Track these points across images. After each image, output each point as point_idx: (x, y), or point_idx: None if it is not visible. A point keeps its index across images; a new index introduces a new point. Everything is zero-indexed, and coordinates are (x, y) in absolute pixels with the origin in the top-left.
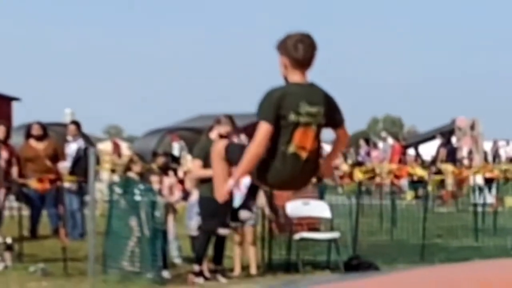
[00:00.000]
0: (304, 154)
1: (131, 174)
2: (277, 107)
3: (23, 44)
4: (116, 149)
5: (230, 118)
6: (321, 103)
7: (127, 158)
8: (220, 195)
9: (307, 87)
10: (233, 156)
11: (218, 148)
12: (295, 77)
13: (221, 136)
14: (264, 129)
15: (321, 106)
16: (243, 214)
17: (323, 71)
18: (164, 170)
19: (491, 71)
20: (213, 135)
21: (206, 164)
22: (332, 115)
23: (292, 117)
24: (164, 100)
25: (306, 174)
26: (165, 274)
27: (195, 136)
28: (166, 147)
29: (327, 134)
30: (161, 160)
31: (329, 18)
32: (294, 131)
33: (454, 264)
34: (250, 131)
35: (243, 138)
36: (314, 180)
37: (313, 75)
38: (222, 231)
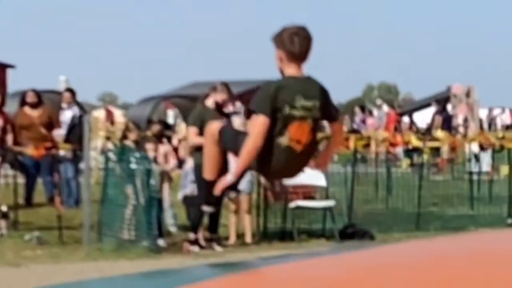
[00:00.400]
0: (298, 147)
1: (127, 142)
2: (273, 100)
3: (18, 11)
4: (109, 116)
5: (226, 86)
6: (317, 97)
7: (121, 126)
8: (212, 176)
9: (303, 80)
10: (226, 142)
11: (211, 130)
12: (291, 70)
13: (217, 104)
14: (261, 122)
15: (316, 100)
16: (231, 194)
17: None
18: (158, 138)
19: (487, 38)
20: (209, 102)
21: (202, 131)
22: (327, 109)
23: (287, 110)
24: (159, 67)
25: (300, 165)
26: (161, 242)
27: (189, 104)
28: (160, 115)
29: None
30: (156, 127)
31: None
32: (289, 124)
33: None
34: (245, 98)
35: (238, 105)
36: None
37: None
38: (205, 208)
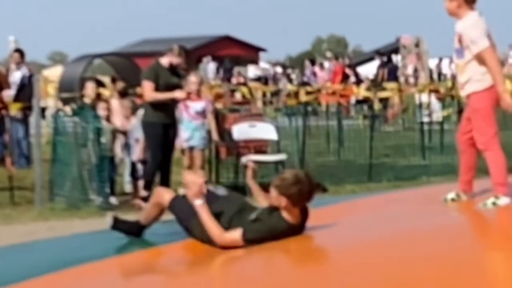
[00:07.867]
0: None
1: (86, 100)
2: (262, 239)
3: None
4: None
5: (184, 50)
6: None
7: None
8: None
9: (295, 228)
10: (177, 209)
11: (163, 199)
12: (292, 216)
13: (171, 65)
14: (237, 241)
15: None
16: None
17: None
18: (122, 95)
19: None
20: (164, 61)
21: (157, 87)
22: None
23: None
24: (109, 25)
25: None
26: (113, 200)
27: (124, 62)
28: (94, 73)
29: None
30: (120, 85)
31: None
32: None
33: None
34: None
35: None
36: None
37: None
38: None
